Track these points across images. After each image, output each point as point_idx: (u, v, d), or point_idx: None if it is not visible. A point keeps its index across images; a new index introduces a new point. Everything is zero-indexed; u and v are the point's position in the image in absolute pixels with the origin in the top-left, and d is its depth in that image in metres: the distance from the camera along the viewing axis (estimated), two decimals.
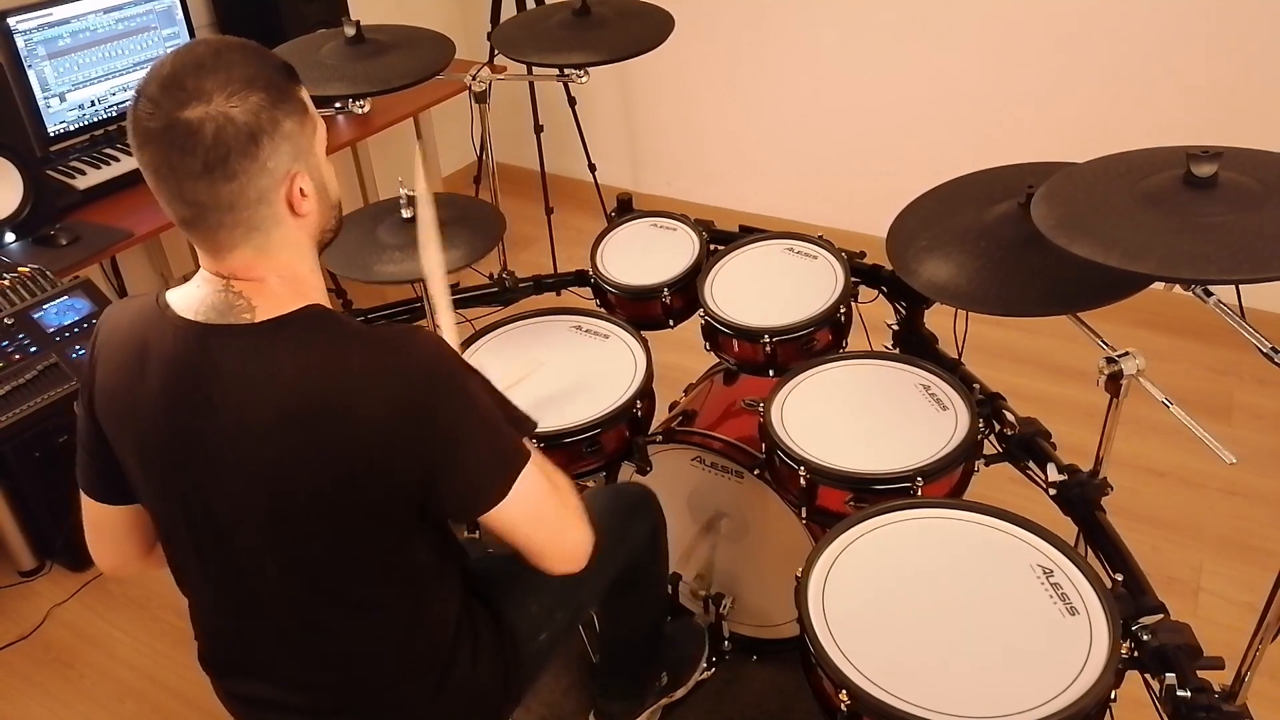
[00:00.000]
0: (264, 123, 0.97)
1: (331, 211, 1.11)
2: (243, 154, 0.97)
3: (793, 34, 3.22)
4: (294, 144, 1.01)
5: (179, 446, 1.06)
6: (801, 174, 3.44)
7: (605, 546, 1.50)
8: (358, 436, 1.01)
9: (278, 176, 1.00)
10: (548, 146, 3.19)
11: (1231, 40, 2.59)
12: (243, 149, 0.96)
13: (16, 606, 2.29)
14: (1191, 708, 1.17)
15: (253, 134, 0.97)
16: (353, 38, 2.01)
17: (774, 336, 1.72)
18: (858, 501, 1.47)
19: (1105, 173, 1.27)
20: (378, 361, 1.02)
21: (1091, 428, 1.48)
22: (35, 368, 1.79)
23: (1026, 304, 1.39)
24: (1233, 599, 2.06)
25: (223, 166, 0.96)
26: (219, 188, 0.97)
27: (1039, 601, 1.21)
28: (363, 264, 1.78)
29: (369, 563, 1.12)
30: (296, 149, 1.01)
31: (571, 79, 2.05)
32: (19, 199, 2.22)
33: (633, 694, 1.81)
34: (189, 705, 2.03)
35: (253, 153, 0.97)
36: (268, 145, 0.98)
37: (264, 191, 1.00)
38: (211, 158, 0.95)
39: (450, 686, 1.22)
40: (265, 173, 0.99)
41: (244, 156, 0.97)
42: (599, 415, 1.65)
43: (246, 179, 0.98)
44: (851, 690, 1.12)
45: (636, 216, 2.14)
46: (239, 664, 1.23)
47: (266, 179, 1.00)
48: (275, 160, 0.99)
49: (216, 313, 1.04)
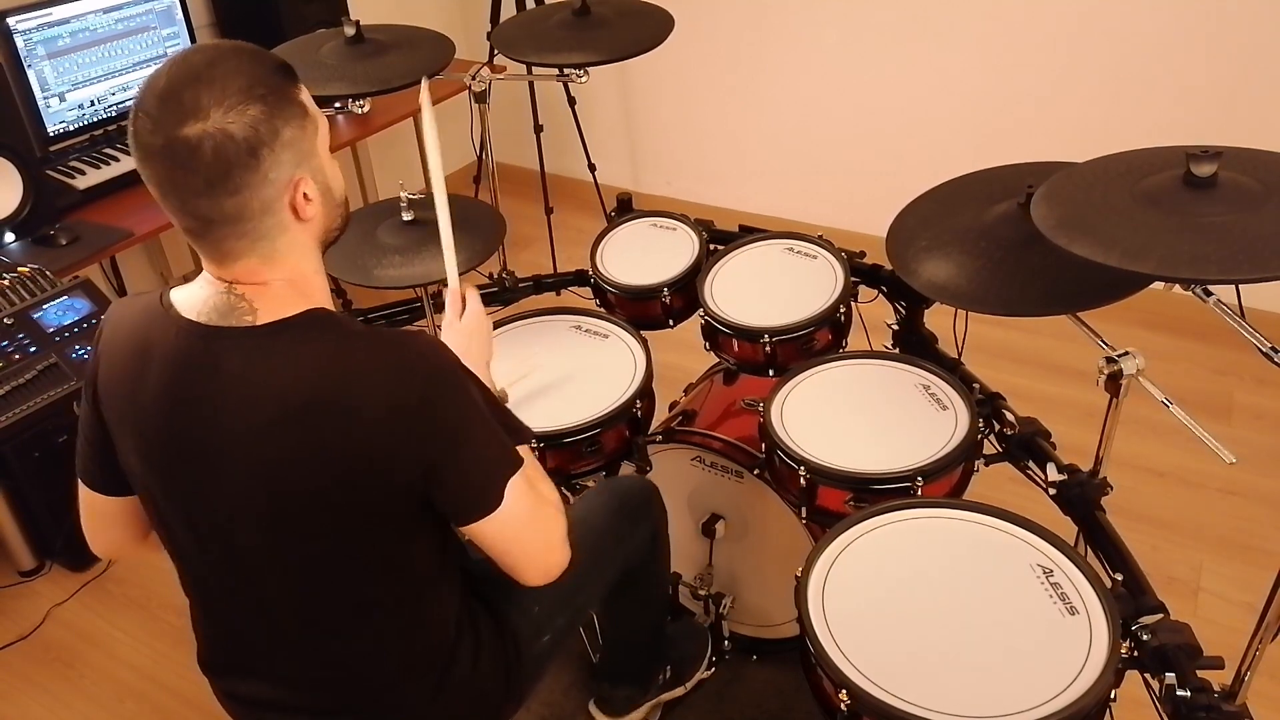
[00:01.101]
0: (264, 134, 0.97)
1: (337, 210, 1.11)
2: (244, 168, 0.96)
3: (793, 34, 3.22)
4: (295, 150, 1.01)
5: (180, 446, 1.06)
6: (801, 174, 3.44)
7: (606, 547, 1.51)
8: (359, 435, 1.01)
9: (280, 185, 1.00)
10: (547, 146, 3.19)
11: (1231, 40, 2.59)
12: (244, 163, 0.96)
13: (16, 606, 2.29)
14: (1191, 707, 1.17)
15: (252, 148, 0.96)
16: (353, 38, 2.00)
17: (774, 336, 1.72)
18: (858, 501, 1.47)
19: (1105, 173, 1.27)
20: (379, 360, 1.03)
21: (1091, 428, 1.48)
22: (35, 368, 1.79)
23: (1026, 304, 1.39)
24: (1233, 599, 2.06)
25: (224, 182, 0.96)
26: (223, 202, 0.97)
27: (1039, 601, 1.21)
28: (363, 266, 1.78)
29: (369, 563, 1.12)
30: (298, 155, 1.01)
31: (571, 79, 2.05)
32: (19, 199, 2.22)
33: (635, 684, 1.81)
34: (189, 705, 2.03)
35: (253, 165, 0.97)
36: (268, 157, 0.98)
37: (268, 202, 1.00)
38: (213, 175, 0.95)
39: (450, 687, 1.22)
40: (268, 184, 0.99)
41: (245, 170, 0.97)
42: (599, 415, 1.65)
43: (250, 192, 0.98)
44: (851, 690, 1.12)
45: (636, 216, 2.14)
46: (238, 664, 1.23)
47: (270, 190, 0.99)
48: (277, 170, 0.99)
49: (219, 314, 1.04)
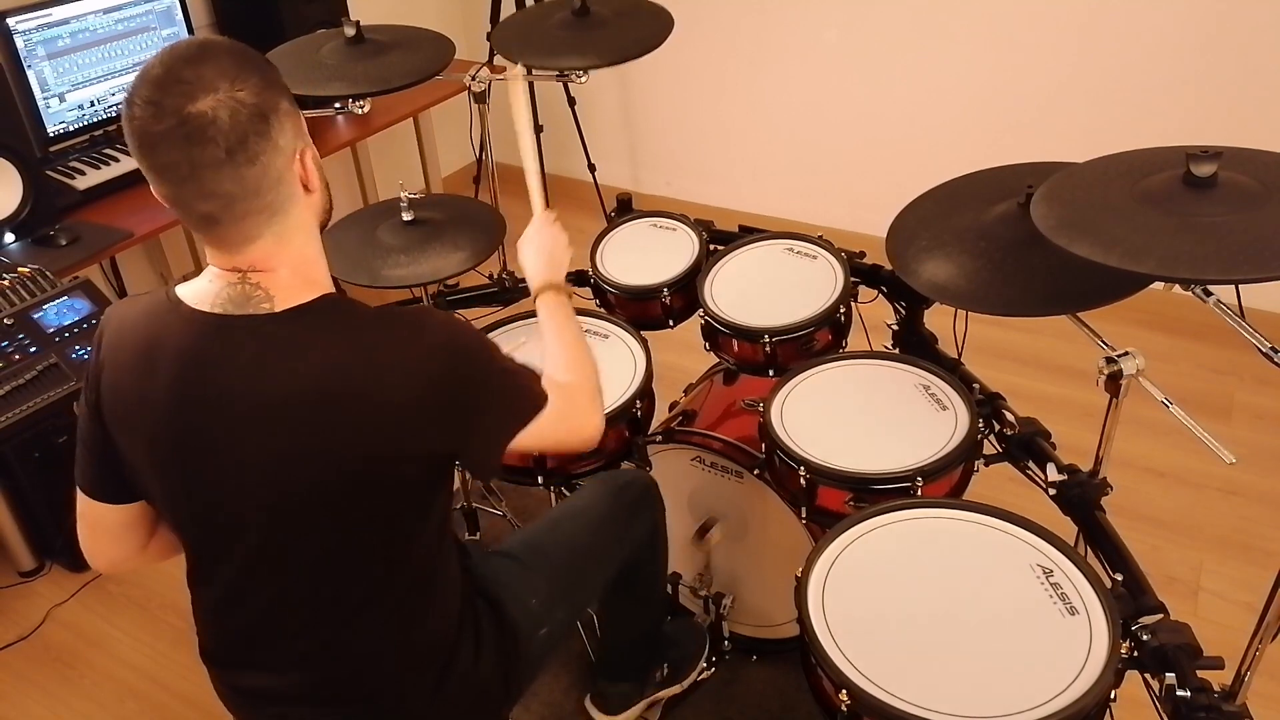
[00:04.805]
0: (267, 101, 0.99)
1: (327, 189, 1.13)
2: (259, 134, 0.98)
3: (793, 34, 3.22)
4: (293, 121, 1.04)
5: (189, 439, 1.06)
6: (801, 174, 3.44)
7: (606, 542, 1.51)
8: (388, 418, 1.03)
9: (288, 154, 1.03)
10: (548, 146, 3.19)
11: (1231, 40, 2.59)
12: (257, 129, 0.98)
13: (16, 606, 2.29)
14: (1191, 707, 1.17)
15: (263, 113, 0.98)
16: (353, 38, 2.01)
17: (774, 336, 1.72)
18: (858, 501, 1.47)
19: (1105, 173, 1.27)
20: (400, 342, 1.05)
21: (1091, 428, 1.48)
22: (35, 368, 1.78)
23: (1026, 304, 1.39)
24: (1233, 599, 2.06)
25: (244, 150, 0.97)
26: (243, 172, 0.98)
27: (1039, 601, 1.21)
28: (367, 267, 1.78)
29: (372, 558, 1.13)
30: (296, 126, 1.04)
31: (571, 79, 2.05)
32: (19, 199, 2.22)
33: (632, 681, 1.81)
34: (189, 705, 2.03)
35: (266, 132, 0.99)
36: (275, 123, 1.00)
37: (281, 171, 1.02)
38: (232, 142, 0.96)
39: (451, 680, 1.23)
40: (279, 151, 1.01)
41: (260, 137, 0.98)
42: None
43: (267, 159, 1.00)
44: (851, 690, 1.12)
45: (636, 216, 2.14)
46: (241, 656, 1.23)
47: (281, 158, 1.02)
48: (284, 138, 1.02)
49: (234, 304, 1.04)
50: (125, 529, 1.22)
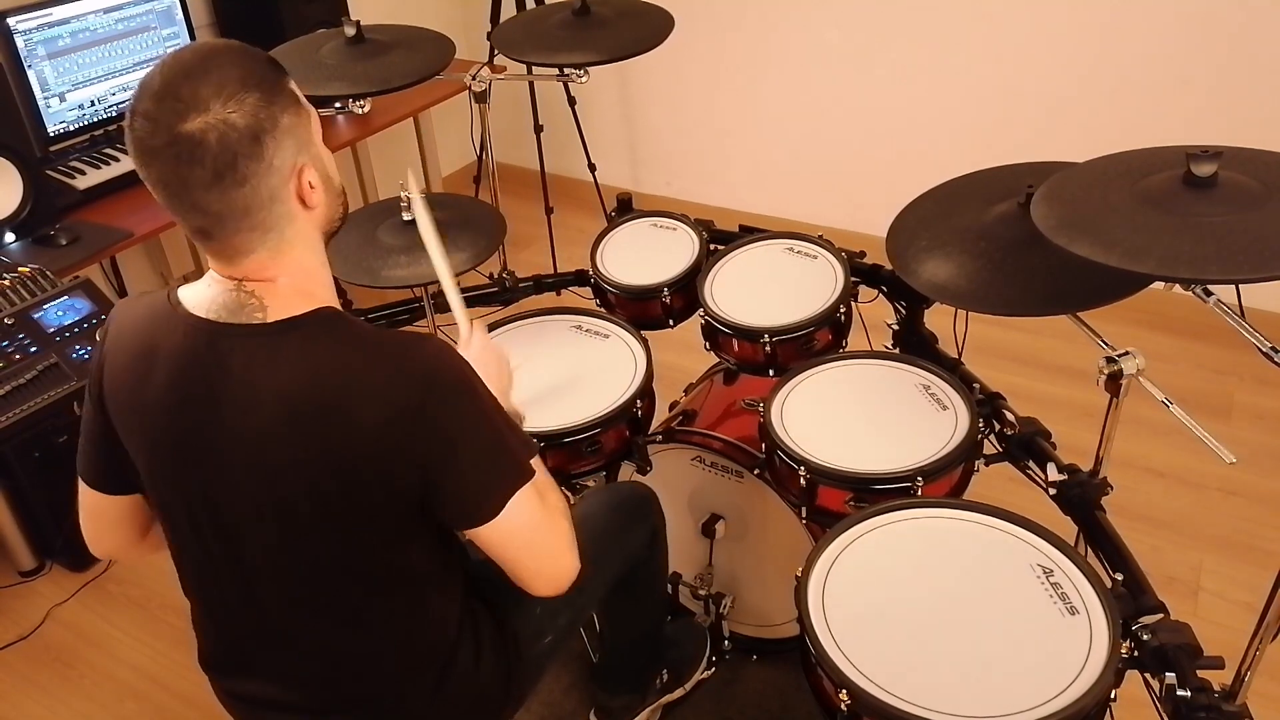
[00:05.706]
0: (264, 121, 0.97)
1: (338, 199, 1.12)
2: (249, 157, 0.97)
3: (794, 34, 3.22)
4: (295, 138, 1.02)
5: (186, 443, 1.07)
6: (801, 174, 3.44)
7: (606, 547, 1.51)
8: (358, 440, 1.01)
9: (285, 173, 1.01)
10: (547, 146, 3.19)
11: (1232, 40, 2.59)
12: (248, 152, 0.97)
13: (16, 606, 2.29)
14: (1191, 707, 1.17)
15: (255, 135, 0.97)
16: (353, 38, 2.01)
17: (774, 336, 1.72)
18: (858, 501, 1.47)
19: (1105, 173, 1.27)
20: (379, 366, 1.03)
21: (1091, 428, 1.48)
22: (35, 368, 1.78)
23: (1026, 304, 1.39)
24: (1233, 599, 2.06)
25: (232, 173, 0.96)
26: (231, 194, 0.98)
27: (1039, 601, 1.21)
28: (368, 267, 1.78)
29: (371, 563, 1.12)
30: (298, 142, 1.02)
31: (571, 79, 2.05)
32: (19, 199, 2.22)
33: (634, 691, 1.81)
34: (189, 705, 2.03)
35: (258, 154, 0.97)
36: (271, 144, 0.98)
37: (275, 190, 1.01)
38: (220, 165, 0.96)
39: (451, 686, 1.22)
40: (273, 171, 0.99)
41: (250, 159, 0.97)
42: (599, 415, 1.65)
43: (257, 181, 0.98)
44: (851, 690, 1.12)
45: (636, 216, 2.14)
46: (240, 663, 1.23)
47: (275, 178, 1.00)
48: (280, 157, 1.00)
49: (228, 312, 1.04)
50: (123, 519, 1.23)
